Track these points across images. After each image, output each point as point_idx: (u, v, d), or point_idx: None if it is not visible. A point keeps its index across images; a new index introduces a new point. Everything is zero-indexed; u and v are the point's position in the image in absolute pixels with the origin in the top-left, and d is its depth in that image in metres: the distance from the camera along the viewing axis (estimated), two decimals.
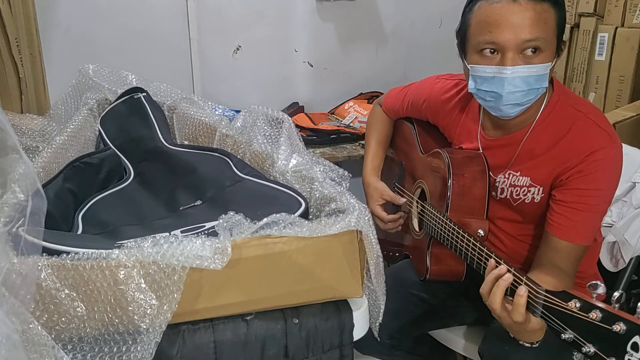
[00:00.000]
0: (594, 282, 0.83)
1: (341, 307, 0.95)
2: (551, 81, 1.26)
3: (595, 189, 1.17)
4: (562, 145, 1.20)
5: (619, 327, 0.76)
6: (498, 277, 1.00)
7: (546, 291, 0.91)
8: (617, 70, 2.01)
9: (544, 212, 1.24)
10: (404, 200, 1.49)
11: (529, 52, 1.13)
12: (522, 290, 0.95)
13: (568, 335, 0.84)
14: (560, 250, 1.18)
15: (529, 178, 1.25)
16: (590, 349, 0.80)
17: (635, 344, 0.74)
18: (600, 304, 0.81)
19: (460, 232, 1.18)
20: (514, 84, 1.15)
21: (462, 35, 1.22)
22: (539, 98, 1.21)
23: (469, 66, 1.21)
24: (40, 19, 1.96)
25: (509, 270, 1.00)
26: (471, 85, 1.22)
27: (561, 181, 1.20)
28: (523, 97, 1.17)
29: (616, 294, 0.81)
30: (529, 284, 0.95)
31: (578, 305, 0.83)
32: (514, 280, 0.99)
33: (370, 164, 1.61)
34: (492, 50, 1.16)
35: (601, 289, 0.83)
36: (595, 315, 0.80)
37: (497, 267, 1.02)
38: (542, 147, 1.23)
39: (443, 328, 1.52)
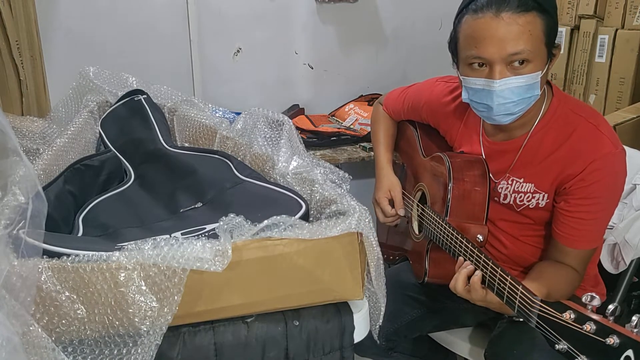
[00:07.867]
0: (590, 293, 0.83)
1: (342, 309, 0.95)
2: (549, 84, 1.26)
3: (599, 196, 1.17)
4: (564, 150, 1.20)
5: (613, 340, 0.76)
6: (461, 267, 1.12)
7: (541, 301, 0.91)
8: (618, 72, 2.01)
9: (549, 213, 1.25)
10: (403, 212, 1.49)
11: (516, 63, 1.13)
12: (478, 274, 1.08)
13: (562, 345, 0.84)
14: (569, 254, 1.21)
15: (533, 185, 1.25)
16: None
17: (628, 357, 0.74)
18: (595, 316, 0.80)
19: (458, 237, 1.18)
20: (503, 96, 1.15)
21: (453, 46, 1.23)
22: (538, 101, 1.21)
23: (461, 77, 1.22)
24: (41, 21, 1.96)
25: (502, 281, 1.02)
26: (464, 95, 1.24)
27: (565, 189, 1.20)
28: (514, 107, 1.17)
29: (611, 307, 0.81)
30: (525, 293, 0.95)
31: (573, 316, 0.83)
32: (510, 286, 1.00)
33: (384, 156, 1.58)
34: (480, 64, 1.16)
35: (596, 301, 0.82)
36: (589, 327, 0.80)
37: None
38: (544, 152, 1.23)
39: (442, 330, 1.52)
